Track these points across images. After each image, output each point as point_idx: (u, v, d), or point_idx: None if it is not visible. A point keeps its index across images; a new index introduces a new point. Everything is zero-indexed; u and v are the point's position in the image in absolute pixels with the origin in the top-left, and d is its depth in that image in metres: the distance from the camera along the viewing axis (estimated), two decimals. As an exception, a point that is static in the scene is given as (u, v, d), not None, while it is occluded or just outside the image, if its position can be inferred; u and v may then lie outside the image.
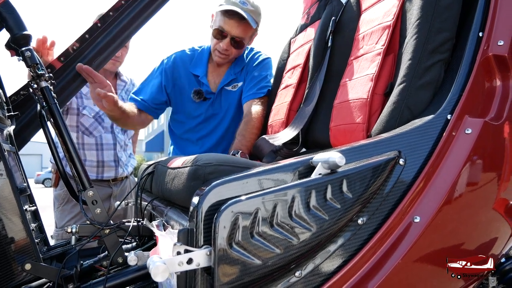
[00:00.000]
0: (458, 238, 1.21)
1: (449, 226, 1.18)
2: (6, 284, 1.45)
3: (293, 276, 1.03)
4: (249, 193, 0.99)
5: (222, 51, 2.39)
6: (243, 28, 2.33)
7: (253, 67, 2.52)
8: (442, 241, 1.18)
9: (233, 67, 2.53)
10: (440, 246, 1.17)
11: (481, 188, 1.22)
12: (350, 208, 1.05)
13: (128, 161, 2.93)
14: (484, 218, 1.24)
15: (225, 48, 2.37)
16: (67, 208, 2.69)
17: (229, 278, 0.95)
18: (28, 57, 1.43)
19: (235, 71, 2.53)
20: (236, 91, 2.51)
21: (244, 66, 2.54)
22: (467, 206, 1.20)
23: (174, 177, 1.32)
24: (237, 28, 2.32)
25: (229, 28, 2.32)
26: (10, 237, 1.46)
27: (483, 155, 1.22)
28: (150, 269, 0.90)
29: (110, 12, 2.21)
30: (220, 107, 2.51)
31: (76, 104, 2.69)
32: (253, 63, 2.53)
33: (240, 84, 2.52)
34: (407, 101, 1.33)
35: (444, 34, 1.36)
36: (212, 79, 2.53)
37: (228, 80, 2.51)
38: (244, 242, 0.96)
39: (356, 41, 1.72)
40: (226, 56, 2.42)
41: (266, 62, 2.56)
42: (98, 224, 1.53)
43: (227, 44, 2.36)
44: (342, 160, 1.01)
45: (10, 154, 1.61)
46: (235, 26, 2.32)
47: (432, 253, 1.16)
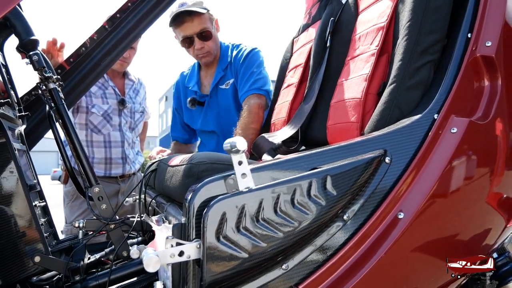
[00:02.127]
0: (443, 234, 1.26)
1: (434, 223, 1.22)
2: (17, 275, 1.54)
3: (280, 268, 1.09)
4: (237, 190, 1.05)
5: (199, 51, 2.49)
6: (197, 21, 2.41)
7: (240, 64, 2.55)
8: (427, 237, 1.22)
9: (219, 65, 2.60)
10: (424, 242, 1.22)
11: (466, 185, 1.25)
12: (335, 205, 1.11)
13: (135, 158, 3.01)
14: (469, 214, 1.28)
15: (199, 47, 2.47)
16: (76, 204, 2.78)
17: (217, 270, 1.01)
18: (35, 61, 1.50)
19: (222, 68, 2.59)
20: (228, 88, 2.57)
21: (229, 62, 2.60)
22: (451, 203, 1.24)
23: (172, 174, 1.39)
24: (192, 25, 2.41)
25: (187, 30, 2.43)
26: (21, 231, 1.55)
27: (468, 154, 1.26)
28: (143, 260, 0.96)
29: (117, 14, 2.28)
30: (217, 105, 2.59)
31: (85, 103, 2.77)
32: (239, 60, 2.57)
33: (232, 81, 2.57)
34: (397, 101, 1.37)
35: (434, 36, 1.39)
36: (206, 84, 2.65)
37: (217, 79, 2.58)
38: (230, 236, 1.02)
39: (353, 41, 1.76)
40: (207, 53, 2.51)
41: (251, 55, 2.57)
42: (104, 219, 1.60)
43: (198, 42, 2.46)
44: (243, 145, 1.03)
45: (21, 153, 1.69)
46: (190, 25, 2.41)
47: (417, 248, 1.20)
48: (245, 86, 2.47)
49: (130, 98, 2.97)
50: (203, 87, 2.67)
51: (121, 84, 2.99)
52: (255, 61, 2.55)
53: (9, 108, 1.69)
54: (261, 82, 2.47)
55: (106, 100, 2.84)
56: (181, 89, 2.77)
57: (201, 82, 2.69)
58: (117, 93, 2.90)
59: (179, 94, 2.79)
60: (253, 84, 2.46)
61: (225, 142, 1.06)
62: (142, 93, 3.14)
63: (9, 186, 1.54)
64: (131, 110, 2.96)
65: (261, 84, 2.46)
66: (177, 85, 2.81)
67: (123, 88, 2.98)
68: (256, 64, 2.53)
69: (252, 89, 2.44)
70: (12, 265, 1.52)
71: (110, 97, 2.87)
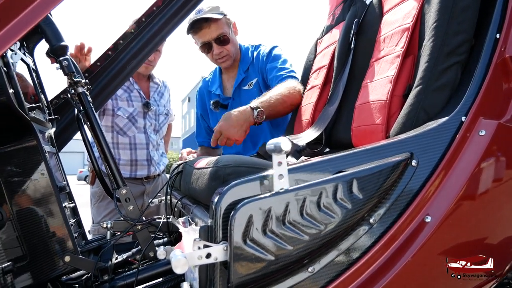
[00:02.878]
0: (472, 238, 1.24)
1: (462, 226, 1.21)
2: (48, 274, 1.58)
3: (306, 271, 1.09)
4: (263, 193, 1.06)
5: (218, 56, 2.53)
6: (214, 26, 2.44)
7: (264, 61, 2.55)
8: (455, 241, 1.21)
9: (240, 67, 2.63)
10: (452, 246, 1.20)
11: (495, 188, 1.23)
12: (361, 208, 1.10)
13: (160, 159, 3.05)
14: (498, 216, 1.26)
15: (218, 52, 2.51)
16: (103, 205, 2.84)
17: (243, 272, 1.02)
18: (65, 66, 1.54)
19: (243, 69, 2.62)
20: (252, 88, 2.58)
21: (250, 63, 2.62)
22: (480, 206, 1.22)
23: (198, 177, 1.41)
24: (209, 31, 2.45)
25: (205, 36, 2.47)
26: (51, 232, 1.59)
27: (497, 157, 1.24)
28: (172, 262, 0.98)
29: (142, 18, 2.32)
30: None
31: (111, 105, 2.82)
32: (263, 58, 2.57)
33: (255, 81, 2.58)
34: (423, 103, 1.35)
35: (461, 36, 1.37)
36: (229, 86, 2.68)
37: (239, 80, 2.61)
38: (257, 239, 1.03)
39: (377, 42, 1.75)
40: (226, 57, 2.54)
41: (272, 51, 2.57)
42: (131, 220, 1.64)
43: (216, 47, 2.49)
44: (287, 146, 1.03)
45: (51, 155, 1.74)
46: (207, 31, 2.45)
47: (445, 252, 1.19)
48: (278, 74, 2.41)
49: (154, 100, 3.02)
50: (226, 90, 2.70)
51: (146, 87, 3.04)
52: (279, 55, 2.54)
53: (39, 111, 1.74)
54: (293, 72, 2.46)
55: (131, 103, 2.89)
56: (205, 94, 2.81)
57: (223, 85, 2.72)
58: (142, 96, 2.95)
59: (203, 99, 2.82)
60: (286, 72, 2.42)
61: (269, 142, 1.06)
62: (167, 96, 3.18)
63: (40, 187, 1.59)
64: (155, 112, 3.00)
65: (293, 74, 2.44)
66: (200, 91, 2.86)
67: (148, 91, 3.02)
68: (282, 58, 2.53)
69: (287, 76, 2.38)
70: (43, 264, 1.57)
71: (135, 100, 2.92)
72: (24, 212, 1.54)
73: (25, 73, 1.73)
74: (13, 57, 1.51)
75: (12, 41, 1.08)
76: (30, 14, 1.10)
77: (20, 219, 1.53)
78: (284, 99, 2.15)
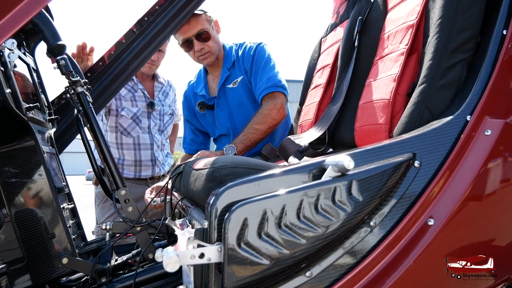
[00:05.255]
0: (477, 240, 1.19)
1: (467, 229, 1.16)
2: (46, 276, 1.57)
3: (304, 276, 1.06)
4: (259, 195, 1.03)
5: (199, 52, 2.46)
6: (194, 22, 2.39)
7: (250, 61, 2.50)
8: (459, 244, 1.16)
9: (224, 65, 2.57)
10: (456, 249, 1.16)
11: (501, 189, 1.19)
12: (361, 210, 1.07)
13: (165, 160, 3.03)
14: (505, 218, 1.21)
15: (199, 49, 2.45)
16: (106, 206, 2.83)
17: (238, 276, 0.99)
18: (62, 65, 1.52)
19: (227, 67, 2.56)
20: (237, 87, 2.54)
21: (234, 60, 2.56)
22: (485, 208, 1.18)
23: (196, 178, 1.38)
24: (189, 27, 2.39)
25: (185, 33, 2.41)
26: (49, 233, 1.58)
27: (503, 157, 1.19)
28: (163, 259, 0.96)
29: (145, 17, 2.31)
30: (227, 105, 2.57)
31: (115, 106, 2.81)
32: (247, 57, 2.52)
33: (240, 79, 2.53)
34: (427, 102, 1.31)
35: (466, 33, 1.33)
36: (214, 86, 2.63)
37: (223, 79, 2.55)
38: (252, 242, 1.00)
39: (381, 40, 1.71)
40: (208, 54, 2.47)
41: (258, 50, 2.51)
42: (130, 222, 1.62)
43: (197, 44, 2.43)
44: (351, 163, 1.02)
45: (50, 156, 1.72)
46: (187, 28, 2.39)
47: (448, 255, 1.15)
48: (259, 87, 2.41)
49: (159, 100, 3.00)
50: (211, 90, 2.65)
51: (150, 86, 3.02)
52: (263, 55, 2.49)
53: (38, 111, 1.73)
54: (274, 78, 2.40)
55: (135, 103, 2.87)
56: (191, 97, 2.75)
57: (208, 86, 2.67)
58: (146, 96, 2.93)
59: (189, 102, 2.76)
60: (267, 82, 2.39)
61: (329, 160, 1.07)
62: (172, 96, 3.16)
63: (38, 188, 1.57)
64: (160, 112, 2.98)
65: (274, 81, 2.39)
66: (186, 95, 2.80)
67: (152, 91, 3.01)
68: (265, 59, 2.47)
69: (267, 87, 2.38)
70: (41, 266, 1.55)
71: (139, 100, 2.90)
72: (22, 213, 1.53)
73: (24, 73, 1.72)
74: (10, 56, 1.49)
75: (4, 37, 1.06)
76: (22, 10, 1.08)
77: (18, 221, 1.51)
78: (258, 128, 2.28)
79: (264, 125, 2.29)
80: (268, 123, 2.30)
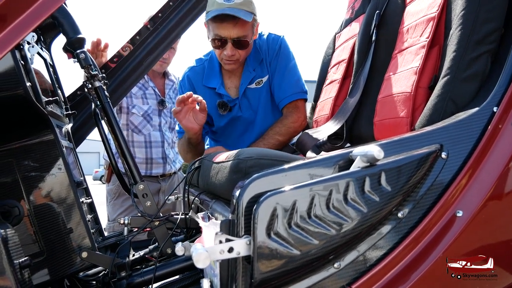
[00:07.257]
0: (507, 233, 1.18)
1: (497, 221, 1.15)
2: (65, 270, 1.57)
3: (332, 267, 1.05)
4: (287, 185, 1.02)
5: (229, 57, 2.19)
6: (239, 26, 2.10)
7: (275, 57, 2.33)
8: (488, 236, 1.15)
9: (249, 64, 2.34)
10: (485, 242, 1.15)
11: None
12: (389, 201, 1.06)
13: (175, 157, 3.03)
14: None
15: (230, 54, 2.17)
16: (118, 202, 2.83)
17: (267, 267, 0.98)
18: (82, 59, 1.52)
19: (253, 66, 2.34)
20: (261, 87, 2.35)
21: (262, 58, 2.35)
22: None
23: (218, 171, 1.37)
24: (233, 29, 2.10)
25: (225, 32, 2.12)
26: (68, 227, 1.58)
27: (532, 148, 1.18)
28: (193, 256, 0.95)
29: (159, 13, 2.30)
30: (249, 107, 2.38)
31: (126, 103, 2.81)
32: (272, 52, 2.34)
33: (265, 79, 2.35)
34: (452, 94, 1.30)
35: (490, 24, 1.31)
36: (231, 85, 2.39)
37: (248, 80, 2.34)
38: (281, 233, 0.99)
39: (400, 34, 1.70)
40: (235, 62, 2.24)
41: (283, 46, 2.35)
42: (148, 216, 1.61)
43: (230, 49, 2.16)
44: (381, 153, 1.01)
45: (68, 150, 1.72)
46: (230, 28, 2.10)
47: (476, 248, 1.13)
48: (283, 91, 2.32)
49: (170, 98, 3.00)
50: (229, 90, 2.39)
51: (161, 84, 3.02)
52: (287, 54, 2.35)
53: (56, 106, 1.73)
54: (298, 84, 2.34)
55: (146, 101, 2.88)
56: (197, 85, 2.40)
57: (225, 84, 2.39)
58: (157, 94, 2.93)
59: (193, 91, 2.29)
60: (291, 88, 2.31)
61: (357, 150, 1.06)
62: (182, 93, 3.16)
63: (57, 182, 1.57)
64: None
65: (298, 87, 2.33)
66: (189, 81, 2.42)
67: (163, 89, 3.01)
68: (289, 58, 2.36)
69: (292, 94, 2.30)
70: (60, 261, 1.55)
71: (150, 98, 2.90)
72: (41, 207, 1.53)
73: (42, 67, 1.72)
74: (30, 50, 1.49)
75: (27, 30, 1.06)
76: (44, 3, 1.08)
77: (37, 214, 1.51)
78: (280, 140, 2.25)
79: (286, 136, 2.27)
80: (289, 135, 2.29)
